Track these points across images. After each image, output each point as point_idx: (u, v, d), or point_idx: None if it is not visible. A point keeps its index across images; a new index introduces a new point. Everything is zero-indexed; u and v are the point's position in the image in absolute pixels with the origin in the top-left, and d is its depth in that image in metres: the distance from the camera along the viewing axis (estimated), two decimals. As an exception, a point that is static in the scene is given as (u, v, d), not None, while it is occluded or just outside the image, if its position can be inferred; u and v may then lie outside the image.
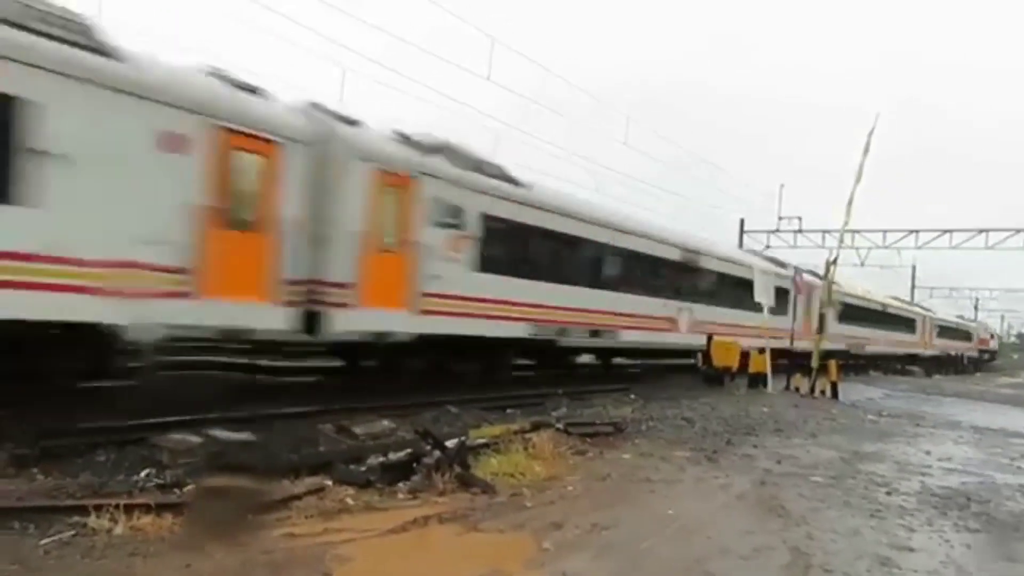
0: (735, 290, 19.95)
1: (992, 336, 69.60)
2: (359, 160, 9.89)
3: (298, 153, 8.97)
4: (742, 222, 35.83)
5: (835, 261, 20.09)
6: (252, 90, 8.99)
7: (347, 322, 9.73)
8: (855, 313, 31.15)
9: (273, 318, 8.80)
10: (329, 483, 5.91)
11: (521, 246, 13.03)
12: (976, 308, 72.36)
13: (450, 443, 6.66)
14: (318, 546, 4.56)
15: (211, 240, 8.06)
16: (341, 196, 9.61)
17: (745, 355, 17.99)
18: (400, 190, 10.47)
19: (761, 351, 17.87)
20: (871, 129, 18.63)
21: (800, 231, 35.33)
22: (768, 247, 35.27)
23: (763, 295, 18.23)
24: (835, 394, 17.55)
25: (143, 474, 5.82)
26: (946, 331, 50.40)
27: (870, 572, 4.83)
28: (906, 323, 41.15)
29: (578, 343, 15.18)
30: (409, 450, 6.66)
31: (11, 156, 6.57)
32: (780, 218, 35.70)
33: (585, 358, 17.71)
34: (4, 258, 6.50)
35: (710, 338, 18.44)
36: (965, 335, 56.56)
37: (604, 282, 15.34)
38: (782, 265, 24.32)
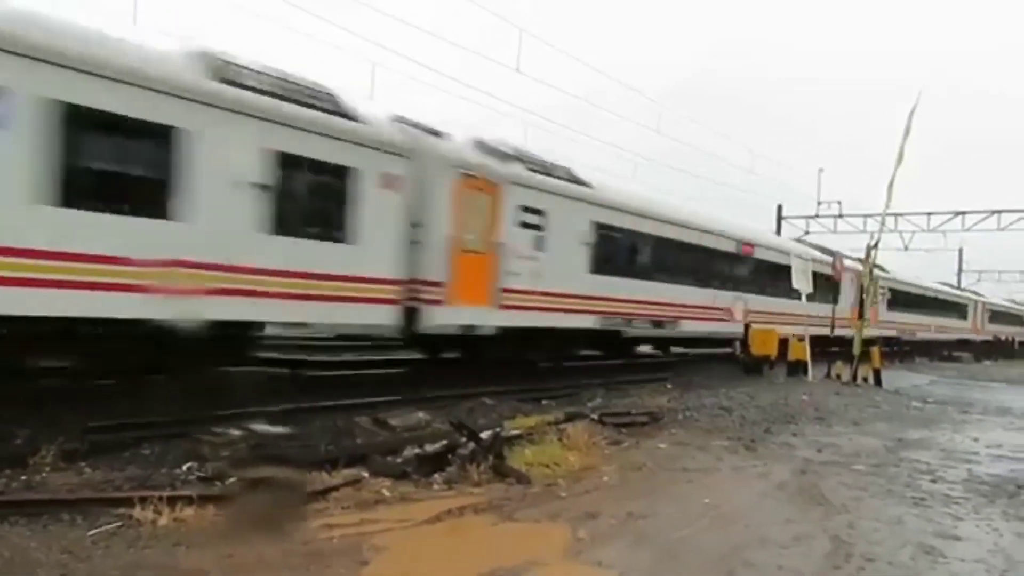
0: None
1: None
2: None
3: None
4: (779, 208, 35.20)
5: (876, 245, 19.58)
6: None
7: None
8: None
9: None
10: (366, 475, 5.99)
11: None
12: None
13: (485, 434, 6.68)
14: (355, 536, 4.62)
15: None
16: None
17: (784, 342, 17.70)
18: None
19: (801, 339, 17.55)
20: (912, 109, 18.09)
21: (840, 216, 34.59)
22: (808, 233, 34.61)
23: (801, 282, 17.89)
24: (878, 381, 17.15)
25: (185, 467, 5.97)
26: (999, 316, 50.19)
27: (914, 561, 4.72)
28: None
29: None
30: (444, 442, 6.70)
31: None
32: (819, 203, 35.01)
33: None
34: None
35: (747, 326, 18.19)
36: (1018, 320, 55.52)
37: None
38: (830, 252, 23.86)
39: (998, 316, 49.75)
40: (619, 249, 14.61)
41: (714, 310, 17.72)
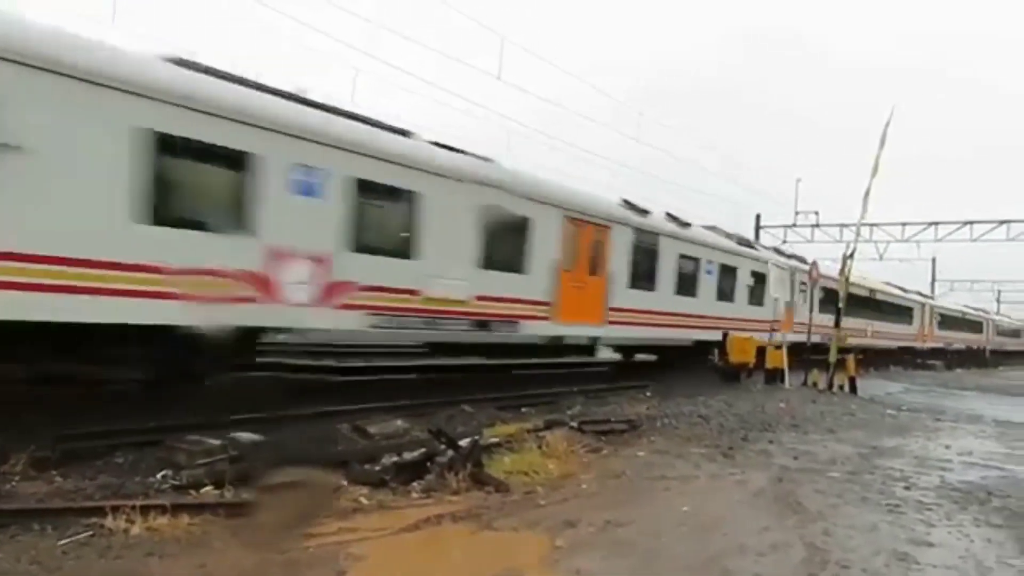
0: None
1: None
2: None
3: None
4: (758, 217, 35.61)
5: (852, 255, 19.83)
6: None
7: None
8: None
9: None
10: (344, 483, 5.94)
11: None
12: (998, 300, 71.40)
13: (464, 442, 6.67)
14: (332, 545, 4.58)
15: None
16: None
17: (761, 351, 17.87)
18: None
19: (778, 346, 17.73)
20: (887, 121, 18.41)
21: (817, 225, 35.07)
22: (785, 242, 35.02)
23: (779, 289, 18.10)
24: (853, 389, 17.36)
25: (160, 475, 5.89)
26: (951, 321, 43.47)
27: (888, 567, 4.77)
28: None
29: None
30: (423, 449, 6.68)
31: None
32: (797, 212, 35.47)
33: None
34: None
35: (726, 334, 18.34)
36: (973, 325, 48.98)
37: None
38: (804, 262, 24.15)
39: (950, 321, 43.49)
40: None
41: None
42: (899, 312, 35.05)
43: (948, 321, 43.00)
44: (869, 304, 29.95)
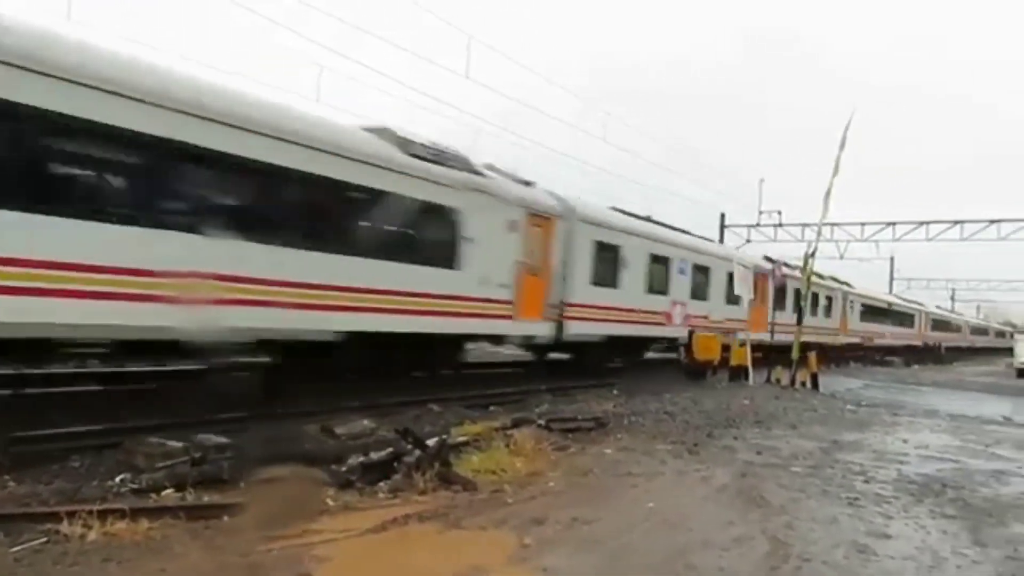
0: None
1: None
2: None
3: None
4: (723, 216, 36.10)
5: (813, 254, 20.23)
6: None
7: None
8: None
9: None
10: (322, 481, 5.85)
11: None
12: (953, 299, 73.44)
13: (431, 442, 6.63)
14: (296, 547, 4.52)
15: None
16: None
17: (726, 348, 18.12)
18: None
19: (742, 344, 18.00)
20: (847, 123, 18.81)
21: (780, 225, 35.69)
22: (749, 241, 35.58)
23: (742, 288, 18.37)
24: (815, 385, 17.71)
25: (118, 479, 5.74)
26: (878, 313, 38.91)
27: (847, 559, 4.87)
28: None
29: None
30: (390, 449, 6.62)
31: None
32: (761, 212, 36.05)
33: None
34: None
35: (692, 332, 18.57)
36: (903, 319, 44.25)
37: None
38: (772, 262, 24.58)
39: (877, 313, 38.40)
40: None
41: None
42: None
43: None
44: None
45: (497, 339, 13.82)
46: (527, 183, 14.25)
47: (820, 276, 28.35)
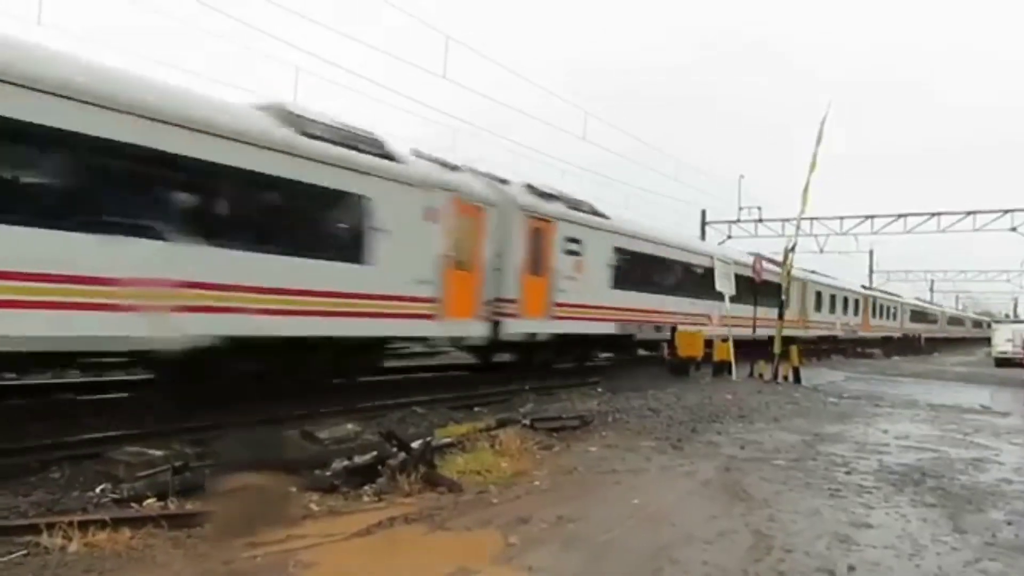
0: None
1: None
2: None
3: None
4: (703, 213, 36.34)
5: (793, 248, 20.39)
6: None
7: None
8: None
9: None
10: (292, 489, 5.83)
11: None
12: (931, 290, 74.46)
13: (415, 444, 6.62)
14: (281, 553, 4.49)
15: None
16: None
17: (709, 343, 18.25)
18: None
19: (725, 340, 18.13)
20: (823, 117, 18.97)
21: (760, 220, 36.00)
22: (730, 237, 35.85)
23: (724, 284, 18.48)
24: (797, 379, 17.87)
25: (99, 490, 5.69)
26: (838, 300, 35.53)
27: (830, 550, 4.93)
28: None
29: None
30: (374, 453, 6.60)
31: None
32: (741, 208, 36.34)
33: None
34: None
35: (674, 329, 18.68)
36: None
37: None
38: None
39: (837, 301, 35.44)
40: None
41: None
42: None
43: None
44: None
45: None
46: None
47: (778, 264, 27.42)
